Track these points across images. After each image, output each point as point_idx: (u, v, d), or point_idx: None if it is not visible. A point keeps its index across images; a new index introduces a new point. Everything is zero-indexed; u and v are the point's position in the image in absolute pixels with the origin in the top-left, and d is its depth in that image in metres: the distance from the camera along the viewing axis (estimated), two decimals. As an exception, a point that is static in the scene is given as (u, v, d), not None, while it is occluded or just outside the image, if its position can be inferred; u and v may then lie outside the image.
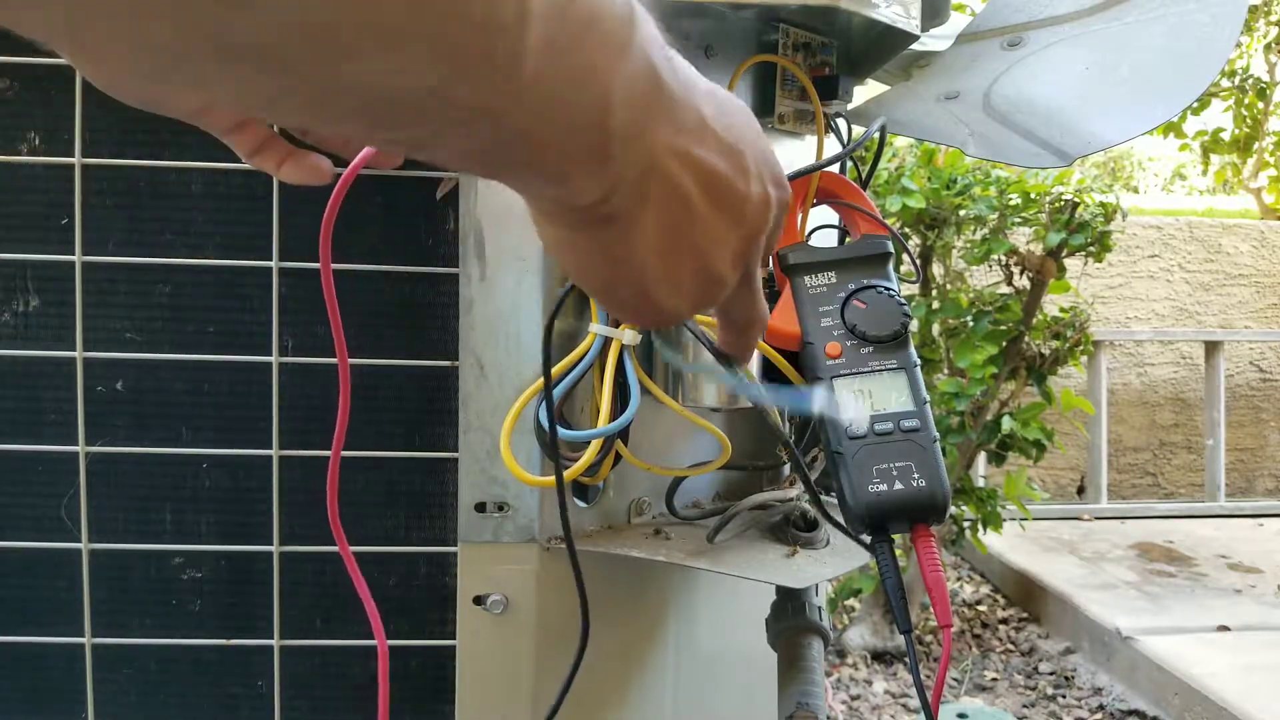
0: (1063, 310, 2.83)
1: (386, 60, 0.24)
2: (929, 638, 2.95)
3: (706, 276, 0.38)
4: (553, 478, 0.61)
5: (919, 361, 0.57)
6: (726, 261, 0.39)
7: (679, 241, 0.36)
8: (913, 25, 0.72)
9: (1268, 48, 5.42)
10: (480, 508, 0.68)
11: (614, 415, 0.61)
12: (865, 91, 0.84)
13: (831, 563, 0.69)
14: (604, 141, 0.31)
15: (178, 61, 0.23)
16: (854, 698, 2.61)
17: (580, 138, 0.30)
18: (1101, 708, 2.55)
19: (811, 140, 0.76)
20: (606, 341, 0.62)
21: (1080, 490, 4.44)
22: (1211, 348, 4.30)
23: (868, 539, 0.56)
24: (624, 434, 0.64)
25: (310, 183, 0.50)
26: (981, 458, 3.09)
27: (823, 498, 0.79)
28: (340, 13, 0.22)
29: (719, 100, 0.36)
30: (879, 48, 0.77)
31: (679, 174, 0.34)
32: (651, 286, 0.37)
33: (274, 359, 0.67)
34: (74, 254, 0.66)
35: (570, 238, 0.36)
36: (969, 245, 2.83)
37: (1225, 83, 5.34)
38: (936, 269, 2.90)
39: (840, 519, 0.59)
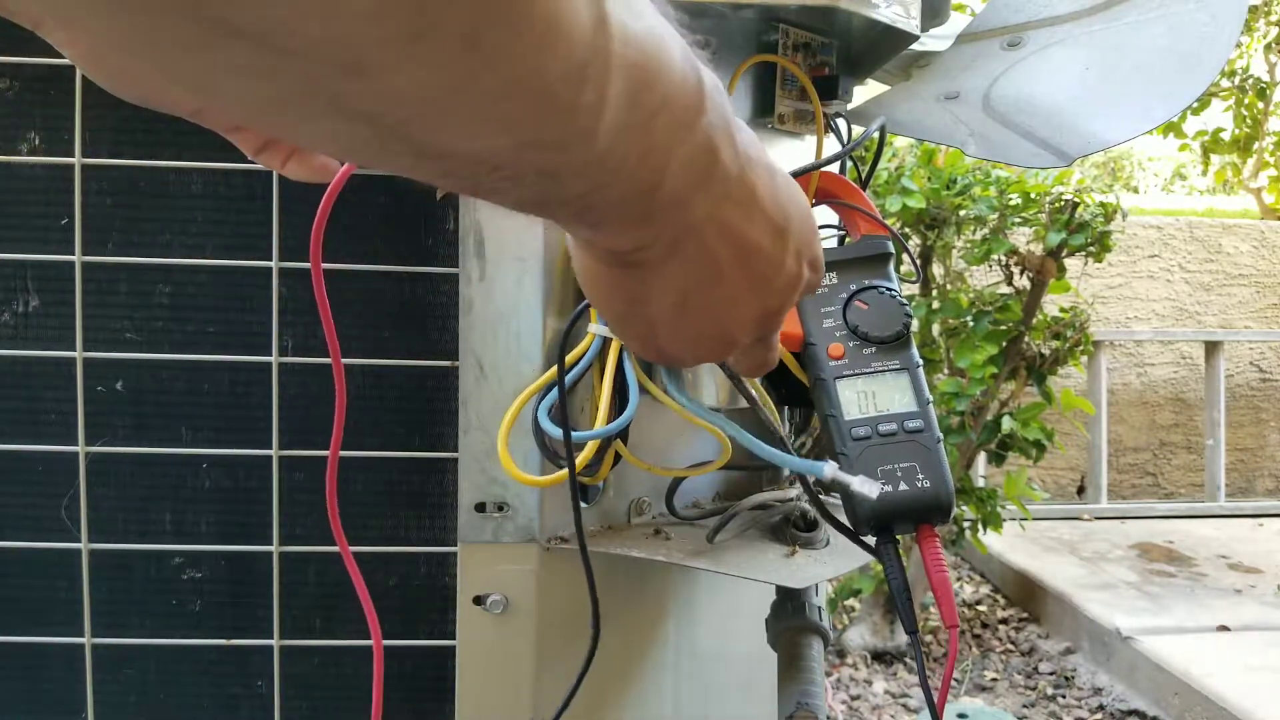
0: (1063, 310, 2.83)
1: (470, 127, 0.26)
2: (929, 637, 2.95)
3: (716, 336, 0.40)
4: (547, 477, 0.61)
5: (921, 362, 0.57)
6: (741, 327, 0.40)
7: (698, 300, 0.37)
8: (913, 25, 0.72)
9: (1268, 48, 5.42)
10: (480, 508, 0.68)
11: (612, 416, 0.61)
12: (865, 91, 0.84)
13: (831, 563, 0.69)
14: (649, 208, 0.33)
15: (287, 112, 0.25)
16: (854, 698, 2.61)
17: (629, 203, 0.32)
18: (1101, 708, 2.55)
19: (811, 140, 0.76)
20: (605, 342, 0.62)
21: (1080, 490, 4.44)
22: (1211, 348, 4.30)
23: (870, 540, 0.56)
24: (624, 434, 0.64)
25: (316, 180, 0.50)
26: (981, 458, 3.09)
27: (822, 497, 0.80)
28: (442, 85, 0.24)
29: (775, 177, 0.38)
30: (879, 48, 0.77)
31: (715, 241, 0.36)
32: (659, 332, 0.39)
33: (274, 359, 0.67)
34: (74, 254, 0.66)
35: (596, 269, 0.38)
36: (969, 245, 2.83)
37: (1225, 83, 5.33)
38: (936, 269, 2.90)
39: (840, 519, 0.59)
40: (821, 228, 0.75)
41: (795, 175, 0.64)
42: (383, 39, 0.22)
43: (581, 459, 0.61)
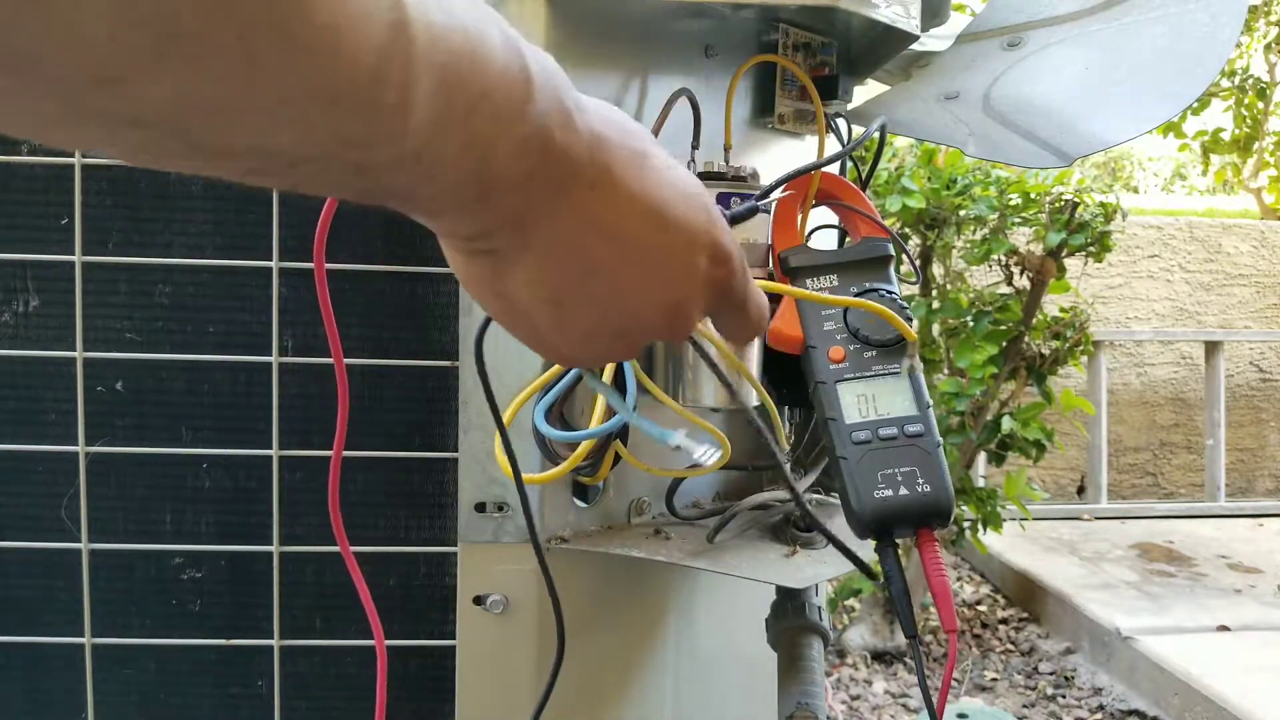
0: (1063, 310, 2.83)
1: (251, 130, 0.26)
2: (928, 637, 2.95)
3: (611, 334, 0.38)
4: (547, 474, 0.61)
5: (922, 365, 0.57)
6: (638, 324, 0.38)
7: (577, 294, 0.36)
8: (913, 25, 0.72)
9: (1268, 48, 5.42)
10: (480, 508, 0.68)
11: (608, 415, 0.61)
12: (865, 91, 0.84)
13: (831, 562, 0.69)
14: (479, 194, 0.32)
15: (37, 124, 0.25)
16: (854, 698, 2.61)
17: (458, 194, 0.32)
18: (1101, 708, 2.55)
19: (811, 140, 0.76)
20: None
21: (1080, 490, 4.44)
22: (1211, 348, 4.30)
23: (871, 544, 0.56)
24: (624, 434, 0.64)
25: None
26: (981, 458, 3.09)
27: (821, 497, 0.80)
28: (206, 92, 0.24)
29: (646, 160, 0.36)
30: (879, 48, 0.77)
31: (573, 229, 0.34)
32: (546, 331, 0.38)
33: (274, 359, 0.67)
34: (74, 254, 0.66)
35: (456, 259, 0.37)
36: (969, 245, 2.83)
37: (1225, 83, 5.33)
38: (936, 269, 2.90)
39: (841, 521, 0.59)
40: (821, 228, 0.75)
41: (794, 175, 0.64)
42: (129, 52, 0.22)
43: (569, 461, 0.61)
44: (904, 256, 0.69)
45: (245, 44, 0.23)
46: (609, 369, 0.62)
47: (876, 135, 0.69)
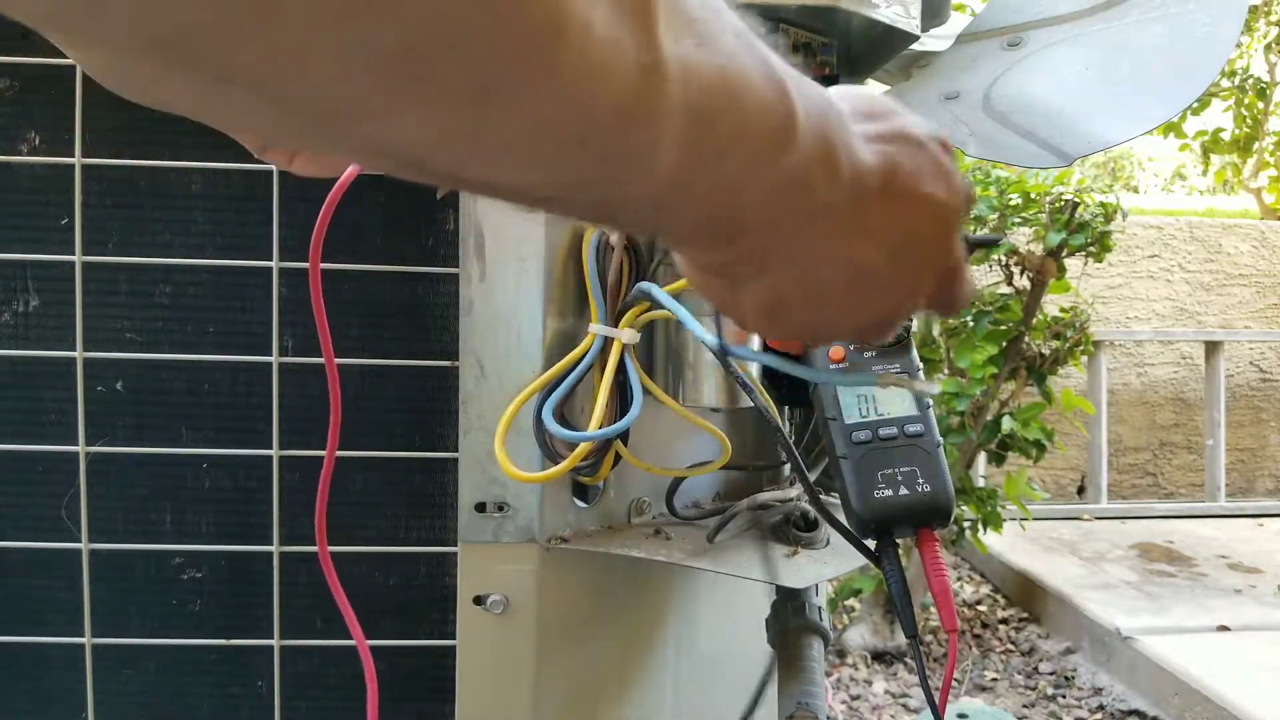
0: (1063, 310, 2.83)
1: (492, 168, 0.26)
2: (929, 636, 2.95)
3: (814, 337, 0.43)
4: (542, 473, 0.61)
5: (921, 366, 0.57)
6: (842, 333, 0.39)
7: (792, 306, 0.36)
8: (913, 25, 0.72)
9: (1268, 48, 5.42)
10: (480, 508, 0.68)
11: (611, 415, 0.61)
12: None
13: (832, 562, 0.69)
14: (729, 236, 0.31)
15: (299, 143, 0.27)
16: (854, 698, 2.61)
17: (703, 232, 0.31)
18: (1101, 708, 2.55)
19: (811, 140, 0.76)
20: (607, 341, 0.62)
21: (1080, 490, 4.44)
22: (1211, 348, 4.30)
23: (870, 544, 0.56)
24: (624, 434, 0.64)
25: (325, 175, 0.50)
26: (981, 458, 3.09)
27: (823, 497, 0.80)
28: (450, 131, 0.24)
29: (908, 193, 0.35)
30: (879, 48, 0.77)
31: (811, 259, 0.34)
32: (750, 324, 0.38)
33: (274, 359, 0.67)
34: (74, 254, 0.66)
35: (695, 276, 0.37)
36: (969, 245, 2.83)
37: (1225, 83, 5.33)
38: (936, 269, 2.89)
39: (842, 519, 0.59)
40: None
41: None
42: (364, 92, 0.22)
43: (569, 460, 0.61)
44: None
45: (487, 89, 0.22)
46: (609, 371, 0.62)
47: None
